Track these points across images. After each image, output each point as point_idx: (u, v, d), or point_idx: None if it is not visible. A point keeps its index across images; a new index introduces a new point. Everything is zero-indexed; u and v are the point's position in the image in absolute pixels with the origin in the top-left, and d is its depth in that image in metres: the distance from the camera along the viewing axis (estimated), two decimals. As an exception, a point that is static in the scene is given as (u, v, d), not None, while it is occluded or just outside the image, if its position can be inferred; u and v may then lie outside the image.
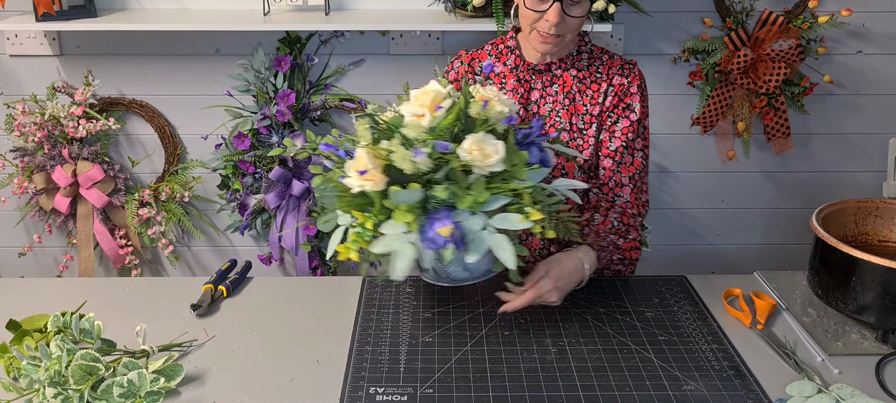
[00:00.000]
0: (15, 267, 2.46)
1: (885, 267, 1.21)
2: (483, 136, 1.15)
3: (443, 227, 1.13)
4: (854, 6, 2.19)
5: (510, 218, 1.14)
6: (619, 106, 1.53)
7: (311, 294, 1.47)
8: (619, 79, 1.53)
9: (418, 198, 1.13)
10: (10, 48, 2.25)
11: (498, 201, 1.15)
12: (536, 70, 1.54)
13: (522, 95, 1.55)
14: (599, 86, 1.53)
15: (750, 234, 2.51)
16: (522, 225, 1.13)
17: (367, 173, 1.14)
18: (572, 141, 1.54)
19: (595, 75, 1.54)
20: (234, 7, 2.22)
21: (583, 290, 1.45)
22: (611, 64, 1.54)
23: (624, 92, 1.53)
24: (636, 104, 1.53)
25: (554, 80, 1.54)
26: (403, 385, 1.18)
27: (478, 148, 1.14)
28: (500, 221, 1.14)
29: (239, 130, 2.21)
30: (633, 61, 1.56)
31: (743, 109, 2.27)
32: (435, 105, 1.18)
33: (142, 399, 1.11)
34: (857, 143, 2.40)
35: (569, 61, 1.53)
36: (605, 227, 1.48)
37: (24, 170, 2.29)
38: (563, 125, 1.53)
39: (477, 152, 1.14)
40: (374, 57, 2.28)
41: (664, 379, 1.20)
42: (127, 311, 1.40)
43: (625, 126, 1.53)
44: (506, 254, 1.13)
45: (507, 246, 1.14)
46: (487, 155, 1.14)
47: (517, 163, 1.18)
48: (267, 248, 2.42)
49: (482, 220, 1.15)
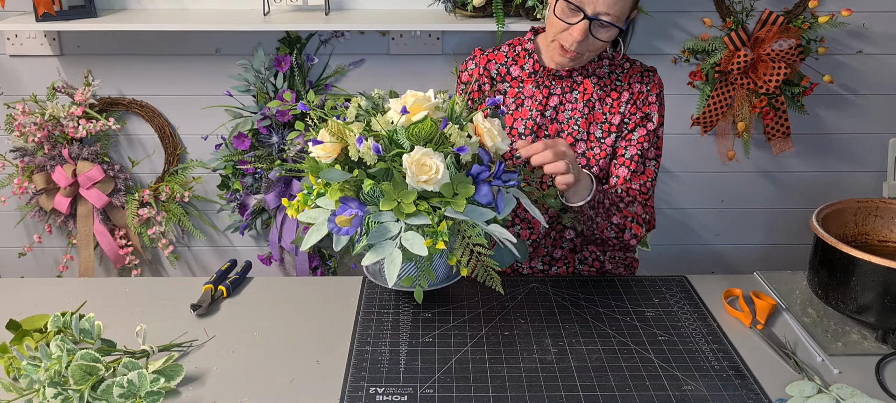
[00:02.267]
0: (15, 267, 2.46)
1: (885, 267, 1.21)
2: (429, 153, 1.14)
3: (341, 215, 1.13)
4: (854, 6, 2.19)
5: (417, 240, 1.13)
6: (636, 114, 1.51)
7: (311, 294, 1.47)
8: (638, 87, 1.51)
9: (343, 178, 1.15)
10: (10, 48, 2.25)
11: (422, 218, 1.14)
12: (557, 76, 1.52)
13: (540, 101, 1.52)
14: (619, 95, 1.51)
15: (750, 234, 2.52)
16: (423, 251, 1.11)
17: (323, 144, 1.18)
18: (589, 150, 1.52)
19: (615, 83, 1.52)
20: (234, 7, 2.22)
21: (583, 290, 1.46)
22: (631, 71, 1.52)
23: (643, 100, 1.51)
24: (654, 113, 1.51)
25: (574, 87, 1.52)
26: (403, 385, 1.18)
27: (417, 162, 1.13)
28: (409, 239, 1.13)
29: (239, 130, 2.21)
30: (653, 68, 1.54)
31: (743, 109, 2.27)
32: (418, 110, 1.18)
33: (142, 399, 1.11)
34: (857, 143, 2.40)
35: (590, 68, 1.51)
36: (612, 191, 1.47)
37: (24, 170, 2.29)
38: (581, 135, 1.51)
39: (414, 165, 1.13)
40: (374, 57, 2.28)
41: (664, 379, 1.20)
42: (127, 311, 1.40)
43: (641, 134, 1.51)
44: (392, 270, 1.13)
45: (397, 263, 1.13)
46: (424, 171, 1.13)
47: (460, 193, 1.16)
48: (267, 248, 2.42)
49: (397, 229, 1.14)
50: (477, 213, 1.17)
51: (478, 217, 1.17)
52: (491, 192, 1.18)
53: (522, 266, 1.61)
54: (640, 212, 1.50)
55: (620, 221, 1.47)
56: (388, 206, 1.14)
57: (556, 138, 1.36)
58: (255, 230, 2.36)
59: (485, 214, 1.18)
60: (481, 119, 1.22)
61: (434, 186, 1.14)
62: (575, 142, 1.51)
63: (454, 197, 1.16)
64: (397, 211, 1.14)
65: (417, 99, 1.20)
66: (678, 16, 2.24)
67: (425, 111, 1.19)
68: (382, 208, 1.14)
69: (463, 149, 1.17)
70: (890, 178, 2.13)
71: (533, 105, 1.53)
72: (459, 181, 1.17)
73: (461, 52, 2.26)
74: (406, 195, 1.14)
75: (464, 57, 2.25)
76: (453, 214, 1.15)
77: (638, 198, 1.51)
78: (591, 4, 1.35)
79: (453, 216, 1.15)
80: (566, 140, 1.52)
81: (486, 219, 1.18)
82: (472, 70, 1.58)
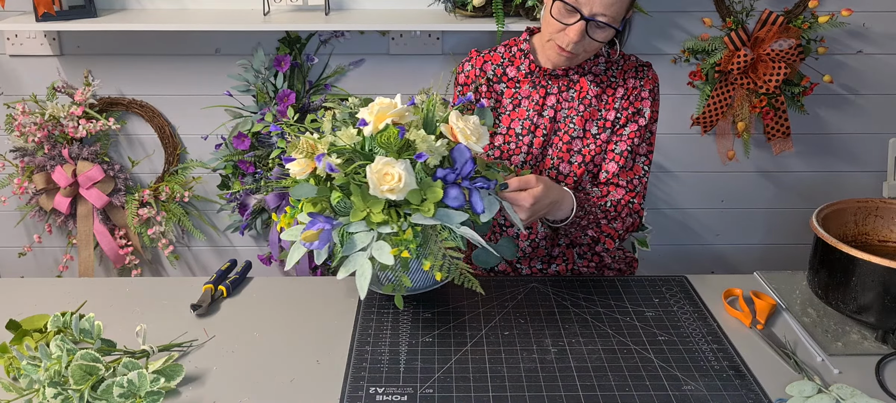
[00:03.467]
0: (15, 267, 2.46)
1: (885, 267, 1.21)
2: (390, 162, 1.13)
3: (308, 231, 1.14)
4: (854, 6, 2.19)
5: (385, 249, 1.13)
6: (629, 109, 1.51)
7: (311, 294, 1.47)
8: (632, 82, 1.51)
9: (311, 193, 1.16)
10: (10, 48, 2.25)
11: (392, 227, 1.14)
12: (553, 75, 1.52)
13: (537, 101, 1.52)
14: (614, 91, 1.52)
15: (750, 234, 2.52)
16: (389, 259, 1.11)
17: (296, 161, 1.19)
18: (585, 147, 1.52)
19: (611, 80, 1.52)
20: (234, 7, 2.22)
21: (582, 290, 1.46)
22: (626, 66, 1.53)
23: (636, 95, 1.51)
24: (646, 109, 1.51)
25: (571, 85, 1.52)
26: (403, 385, 1.18)
27: (378, 172, 1.13)
28: (377, 249, 1.13)
29: (239, 130, 2.21)
30: (648, 63, 1.54)
31: (743, 109, 2.27)
32: (381, 120, 1.17)
33: (142, 399, 1.11)
34: (857, 143, 2.40)
35: (586, 66, 1.51)
36: (597, 202, 1.48)
37: (24, 170, 2.29)
38: (578, 133, 1.52)
39: (376, 175, 1.13)
40: (374, 57, 2.28)
41: (664, 379, 1.20)
42: (127, 311, 1.40)
43: (632, 130, 1.51)
44: (362, 281, 1.13)
45: (367, 274, 1.13)
46: (386, 180, 1.13)
47: (429, 198, 1.15)
48: (267, 248, 2.42)
49: (369, 239, 1.14)
50: (449, 217, 1.16)
51: (451, 220, 1.16)
52: (462, 195, 1.17)
53: (522, 265, 1.61)
54: (620, 228, 1.51)
55: (595, 235, 1.49)
56: (358, 217, 1.14)
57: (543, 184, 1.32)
58: (255, 230, 2.36)
59: (458, 217, 1.17)
60: (455, 119, 1.21)
61: (400, 194, 1.13)
62: (572, 140, 1.52)
63: (422, 202, 1.15)
64: (368, 220, 1.14)
65: (382, 107, 1.19)
66: (678, 16, 2.24)
67: (390, 118, 1.18)
68: (352, 219, 1.14)
69: (421, 156, 1.15)
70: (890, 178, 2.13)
71: (530, 105, 1.53)
72: (427, 186, 1.16)
73: (461, 52, 2.26)
74: (375, 203, 1.14)
75: (463, 57, 2.25)
76: (422, 220, 1.14)
77: (621, 207, 1.50)
78: (587, 5, 1.36)
79: (422, 222, 1.14)
80: (563, 138, 1.52)
81: (460, 221, 1.17)
82: (469, 72, 1.58)
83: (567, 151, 1.52)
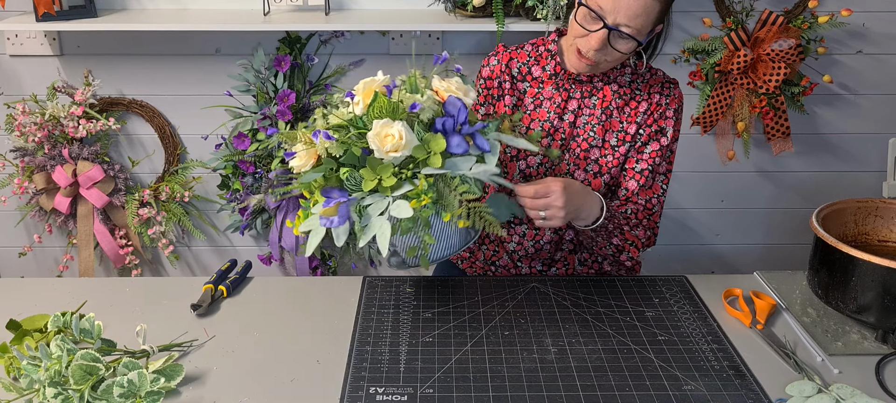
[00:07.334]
0: (15, 267, 2.46)
1: (885, 267, 1.21)
2: (387, 122, 1.15)
3: (326, 208, 1.14)
4: (854, 6, 2.19)
5: (403, 205, 1.12)
6: (652, 126, 1.49)
7: (311, 294, 1.47)
8: (657, 98, 1.49)
9: (317, 176, 1.16)
10: (10, 48, 2.25)
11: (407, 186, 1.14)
12: (577, 80, 1.49)
13: (559, 104, 1.50)
14: (638, 104, 1.49)
15: (750, 234, 2.52)
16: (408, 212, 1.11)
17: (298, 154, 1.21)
18: (603, 157, 1.50)
19: (635, 92, 1.49)
20: (234, 7, 2.22)
21: (583, 290, 1.46)
22: (652, 81, 1.50)
23: (660, 113, 1.49)
24: (669, 128, 1.49)
25: (594, 92, 1.49)
26: (403, 385, 1.18)
27: (378, 134, 1.14)
28: (396, 208, 1.13)
29: (239, 130, 2.21)
30: (674, 80, 1.51)
31: (743, 109, 2.27)
32: (369, 95, 1.19)
33: (142, 399, 1.11)
34: (857, 143, 2.40)
35: (612, 75, 1.48)
36: (618, 209, 1.47)
37: (25, 170, 2.29)
38: (597, 141, 1.50)
39: (377, 139, 1.14)
40: (374, 57, 2.28)
41: (664, 379, 1.20)
42: (127, 311, 1.40)
43: (654, 149, 1.49)
44: (382, 240, 1.12)
45: (386, 232, 1.13)
46: (387, 140, 1.14)
47: (433, 149, 1.16)
48: (267, 248, 2.42)
49: (385, 205, 1.14)
50: (456, 165, 1.17)
51: (460, 167, 1.17)
52: (464, 140, 1.19)
53: (522, 264, 1.61)
54: (642, 236, 1.50)
55: (620, 243, 1.47)
56: (370, 186, 1.14)
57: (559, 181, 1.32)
58: (255, 230, 2.36)
59: (466, 162, 1.18)
60: (438, 81, 1.23)
61: (404, 152, 1.14)
62: (590, 148, 1.50)
63: (429, 155, 1.16)
64: (381, 188, 1.15)
65: (367, 83, 1.22)
66: (678, 16, 2.24)
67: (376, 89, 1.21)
68: (365, 189, 1.14)
69: (415, 106, 1.18)
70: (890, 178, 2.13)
71: (551, 107, 1.50)
72: (429, 139, 1.17)
73: (460, 52, 2.26)
74: (384, 170, 1.14)
75: (463, 57, 2.26)
76: (433, 171, 1.15)
77: (640, 216, 1.50)
78: (611, 14, 1.33)
79: (433, 172, 1.15)
80: (582, 145, 1.50)
81: (470, 166, 1.18)
82: (494, 66, 1.54)
83: (584, 159, 1.50)
